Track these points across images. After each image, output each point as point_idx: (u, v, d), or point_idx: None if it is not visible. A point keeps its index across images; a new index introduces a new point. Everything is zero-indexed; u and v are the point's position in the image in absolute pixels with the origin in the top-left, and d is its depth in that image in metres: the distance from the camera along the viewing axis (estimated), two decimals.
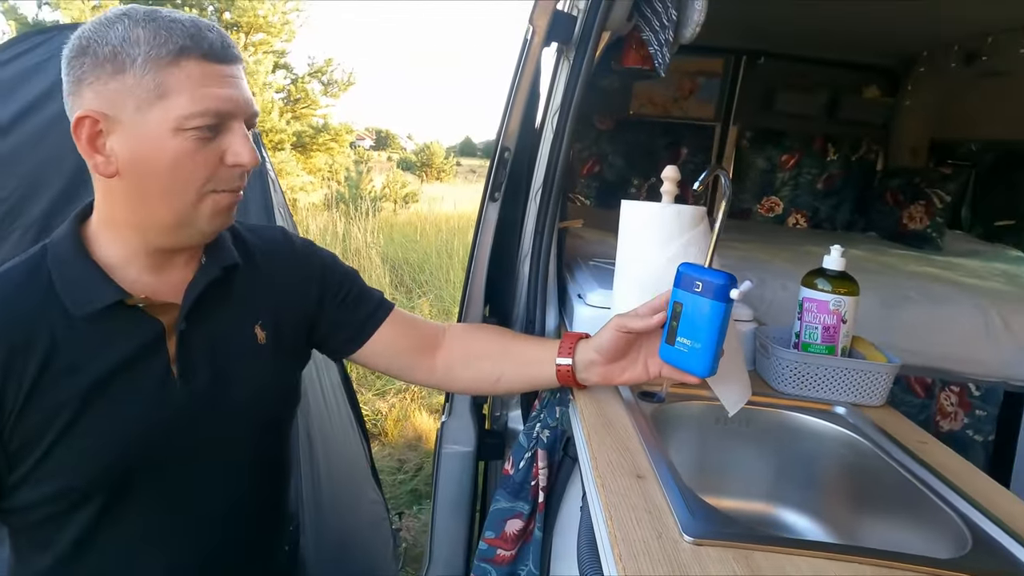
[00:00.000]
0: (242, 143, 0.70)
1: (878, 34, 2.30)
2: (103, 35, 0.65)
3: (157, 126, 0.66)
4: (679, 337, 0.77)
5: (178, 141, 0.67)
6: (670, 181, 0.93)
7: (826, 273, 1.01)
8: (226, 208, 0.73)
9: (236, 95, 0.69)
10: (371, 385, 3.54)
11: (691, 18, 1.13)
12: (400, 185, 9.94)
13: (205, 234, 0.75)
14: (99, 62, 0.65)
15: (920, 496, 0.75)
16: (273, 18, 8.83)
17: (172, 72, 0.65)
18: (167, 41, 0.65)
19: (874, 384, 0.97)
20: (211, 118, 0.67)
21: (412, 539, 2.31)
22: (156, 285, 0.74)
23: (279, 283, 0.85)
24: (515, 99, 1.22)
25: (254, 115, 0.73)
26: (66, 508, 0.71)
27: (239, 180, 0.73)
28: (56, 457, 0.68)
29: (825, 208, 2.80)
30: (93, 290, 0.70)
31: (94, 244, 0.73)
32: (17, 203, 1.27)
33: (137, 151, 0.67)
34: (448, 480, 1.34)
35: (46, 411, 0.67)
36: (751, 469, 0.96)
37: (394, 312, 0.94)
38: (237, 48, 0.71)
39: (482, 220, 1.27)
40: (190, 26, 0.67)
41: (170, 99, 0.65)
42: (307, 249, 0.91)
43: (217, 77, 0.68)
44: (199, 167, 0.69)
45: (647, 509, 0.64)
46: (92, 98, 0.66)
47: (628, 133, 2.83)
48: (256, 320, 0.82)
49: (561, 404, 0.99)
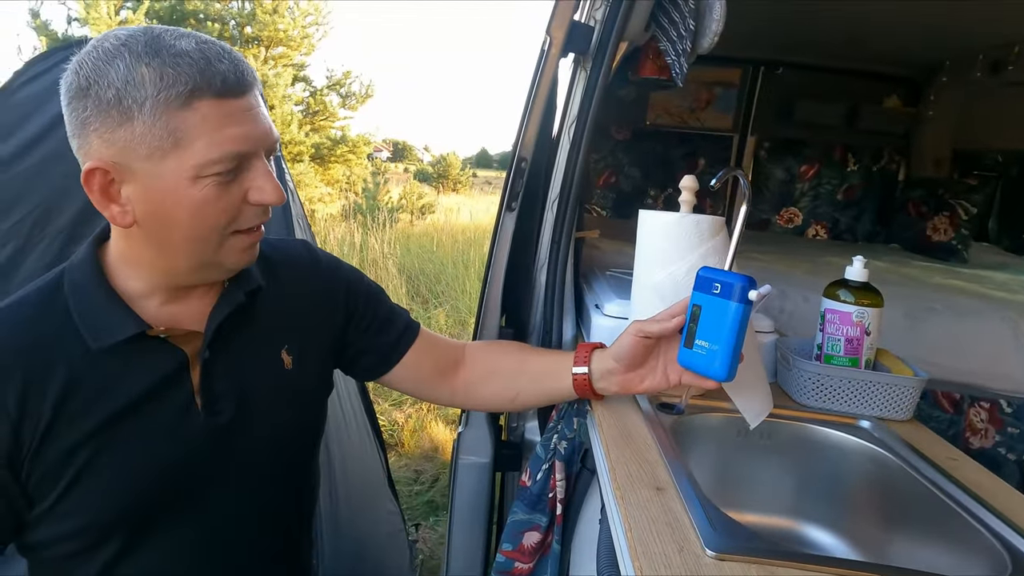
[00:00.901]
0: (265, 179, 0.66)
1: (900, 44, 2.28)
2: (104, 74, 0.59)
3: (174, 175, 0.61)
4: (697, 339, 0.76)
5: (198, 189, 0.62)
6: (688, 191, 0.93)
7: (849, 284, 1.00)
8: (250, 246, 0.70)
9: (255, 130, 0.64)
10: (388, 396, 3.54)
11: (709, 28, 1.13)
12: (417, 196, 10.00)
13: (230, 271, 0.72)
14: (103, 107, 0.59)
15: (952, 515, 0.73)
16: (293, 32, 8.97)
17: (185, 117, 0.60)
18: (176, 82, 0.59)
19: (901, 398, 0.95)
20: (231, 163, 0.63)
21: (429, 551, 2.29)
22: (178, 313, 0.71)
23: (305, 304, 0.82)
24: (532, 110, 1.22)
25: (274, 143, 0.68)
26: (87, 545, 0.68)
27: (263, 216, 0.69)
28: (75, 495, 0.65)
29: (845, 219, 2.77)
30: (113, 321, 0.66)
31: (113, 273, 0.69)
32: (45, 212, 1.30)
33: (154, 201, 0.63)
34: (465, 491, 1.33)
35: (64, 449, 0.64)
36: (773, 483, 0.94)
37: (420, 334, 0.92)
38: (252, 71, 0.65)
39: (499, 230, 1.27)
40: (199, 59, 0.60)
41: (185, 146, 0.60)
42: (332, 266, 0.88)
43: (235, 115, 0.62)
44: (221, 211, 0.65)
45: (667, 522, 0.63)
46: (100, 147, 0.61)
47: (645, 144, 2.82)
48: (282, 345, 0.78)
49: (579, 415, 0.98)
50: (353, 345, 0.88)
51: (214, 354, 0.71)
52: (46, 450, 0.64)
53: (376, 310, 0.89)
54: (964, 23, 1.96)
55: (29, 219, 1.29)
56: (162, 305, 0.71)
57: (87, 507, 0.66)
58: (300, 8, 9.03)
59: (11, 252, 1.29)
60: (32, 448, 0.64)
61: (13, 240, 1.29)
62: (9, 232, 1.29)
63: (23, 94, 1.31)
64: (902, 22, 1.96)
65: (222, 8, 8.65)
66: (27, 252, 1.29)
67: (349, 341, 0.87)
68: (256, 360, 0.76)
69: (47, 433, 0.64)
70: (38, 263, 1.29)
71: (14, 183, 1.29)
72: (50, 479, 0.65)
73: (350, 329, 0.87)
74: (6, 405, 0.63)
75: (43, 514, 0.66)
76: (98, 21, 7.28)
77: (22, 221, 1.29)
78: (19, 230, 1.29)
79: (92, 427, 0.65)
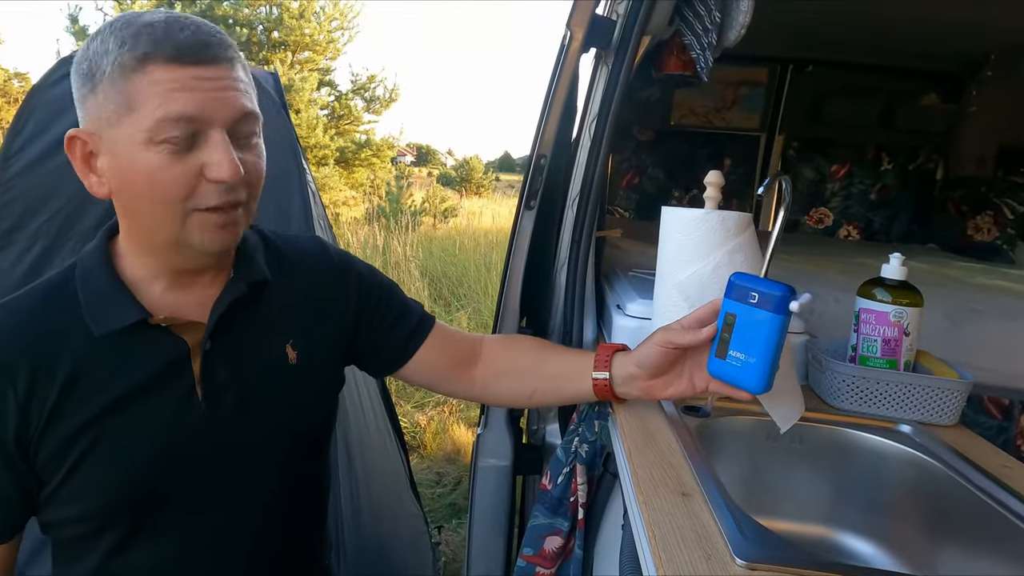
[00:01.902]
0: (222, 155, 0.62)
1: (940, 39, 2.20)
2: (85, 50, 0.62)
3: (128, 140, 0.61)
4: (731, 351, 0.72)
5: (150, 155, 0.61)
6: (713, 187, 0.90)
7: (885, 283, 0.95)
8: (219, 227, 0.66)
9: (211, 99, 0.61)
10: (410, 397, 3.55)
11: (736, 20, 1.09)
12: (440, 200, 10.05)
13: (208, 253, 0.69)
14: (81, 80, 0.62)
15: (1007, 525, 0.68)
16: (319, 36, 9.09)
17: (136, 80, 0.60)
18: (133, 47, 0.59)
19: (945, 402, 0.90)
20: (180, 127, 0.61)
21: (452, 553, 2.28)
22: (181, 302, 0.71)
23: (314, 299, 0.81)
24: (552, 106, 1.20)
25: (241, 119, 0.64)
26: (93, 529, 0.69)
27: (224, 195, 0.65)
28: (78, 479, 0.66)
29: (879, 219, 2.69)
30: (115, 309, 0.67)
31: (121, 260, 0.71)
32: (73, 212, 1.31)
33: (117, 168, 0.63)
34: (485, 494, 1.31)
35: (67, 433, 0.65)
36: (805, 489, 0.90)
37: (435, 327, 0.91)
38: (225, 47, 0.64)
39: (518, 228, 1.25)
40: (159, 28, 0.60)
41: (137, 110, 0.60)
42: (344, 262, 0.87)
43: (187, 81, 0.60)
44: (175, 183, 0.62)
45: (694, 529, 0.60)
46: (83, 118, 0.64)
47: (669, 144, 2.78)
48: (287, 339, 0.77)
49: (600, 418, 0.95)
50: (367, 340, 0.87)
51: (216, 345, 0.71)
52: (51, 433, 0.65)
53: (389, 304, 0.88)
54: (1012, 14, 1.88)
55: (58, 217, 1.30)
56: (165, 292, 0.71)
57: (89, 491, 0.67)
58: (326, 13, 9.15)
59: (40, 251, 1.30)
60: (38, 431, 0.65)
61: (42, 239, 1.30)
62: (39, 231, 1.30)
63: (54, 92, 1.33)
64: (943, 16, 1.89)
65: (251, 13, 8.82)
66: (56, 251, 1.30)
67: (362, 336, 0.86)
68: (259, 353, 0.75)
69: (52, 417, 0.65)
70: (66, 261, 1.30)
71: (45, 181, 1.31)
72: (55, 462, 0.66)
73: (362, 324, 0.86)
74: (16, 392, 0.64)
75: (50, 495, 0.68)
76: None
77: (51, 219, 1.31)
78: (48, 228, 1.30)
79: (94, 413, 0.66)
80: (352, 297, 0.85)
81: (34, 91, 1.36)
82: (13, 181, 1.31)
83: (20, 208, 1.31)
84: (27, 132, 1.32)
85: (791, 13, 1.97)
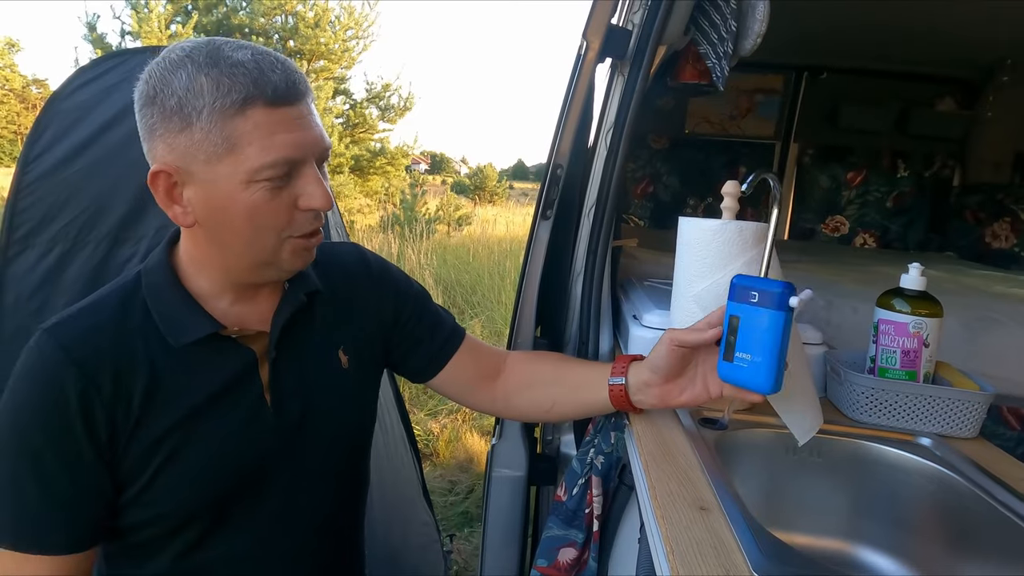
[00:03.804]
0: (315, 186, 0.68)
1: (956, 44, 2.18)
2: (168, 83, 0.63)
3: (228, 179, 0.64)
4: (737, 352, 0.72)
5: (250, 193, 0.65)
6: (731, 196, 0.89)
7: (904, 293, 0.94)
8: (306, 249, 0.72)
9: (305, 138, 0.66)
10: (423, 405, 3.55)
11: (751, 28, 1.09)
12: (454, 208, 10.08)
13: (288, 272, 0.74)
14: (167, 115, 0.63)
15: None
16: (334, 45, 9.18)
17: (238, 123, 0.63)
18: (231, 90, 0.62)
19: (965, 414, 0.89)
20: (281, 168, 0.65)
21: (463, 562, 2.27)
22: (245, 314, 0.75)
23: (357, 306, 0.85)
24: (568, 116, 1.20)
25: (325, 151, 0.70)
26: (166, 532, 0.72)
27: (315, 222, 0.71)
28: (159, 484, 0.69)
29: (896, 227, 2.66)
30: (189, 321, 0.70)
31: (185, 275, 0.73)
32: (91, 218, 1.34)
33: (211, 203, 0.66)
34: (499, 505, 1.30)
35: (151, 439, 0.68)
36: (824, 503, 0.89)
37: (466, 339, 0.94)
38: (304, 81, 0.68)
39: (534, 238, 1.25)
40: (252, 69, 0.63)
41: (239, 152, 0.63)
42: (382, 269, 0.91)
43: (285, 122, 0.65)
44: (274, 216, 0.67)
45: (712, 544, 0.60)
46: (164, 151, 0.65)
47: (684, 152, 2.77)
48: (339, 345, 0.82)
49: (616, 429, 0.95)
50: (400, 347, 0.90)
51: (280, 353, 0.75)
52: (136, 438, 0.68)
53: (422, 312, 0.91)
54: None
55: (77, 223, 1.33)
56: (231, 305, 0.74)
57: (169, 496, 0.70)
58: (341, 22, 9.24)
59: (58, 255, 1.32)
60: (126, 436, 0.67)
61: (60, 243, 1.33)
62: (57, 236, 1.33)
63: (74, 100, 1.35)
64: (959, 21, 1.87)
65: (266, 23, 8.92)
66: (73, 255, 1.32)
67: (396, 343, 0.90)
68: (317, 360, 0.79)
69: (137, 423, 0.68)
70: (84, 267, 1.32)
71: (63, 187, 1.33)
72: (140, 465, 0.68)
73: (397, 331, 0.89)
74: (101, 392, 0.66)
75: (130, 499, 0.70)
76: (149, 35, 7.61)
77: (70, 225, 1.33)
78: (67, 233, 1.33)
79: (176, 419, 0.69)
80: (389, 303, 0.89)
81: (52, 100, 1.39)
82: (32, 187, 1.33)
83: (39, 213, 1.33)
84: (45, 139, 1.35)
85: (807, 20, 1.97)
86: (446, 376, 0.92)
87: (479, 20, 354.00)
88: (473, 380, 0.94)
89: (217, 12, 8.77)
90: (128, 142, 1.33)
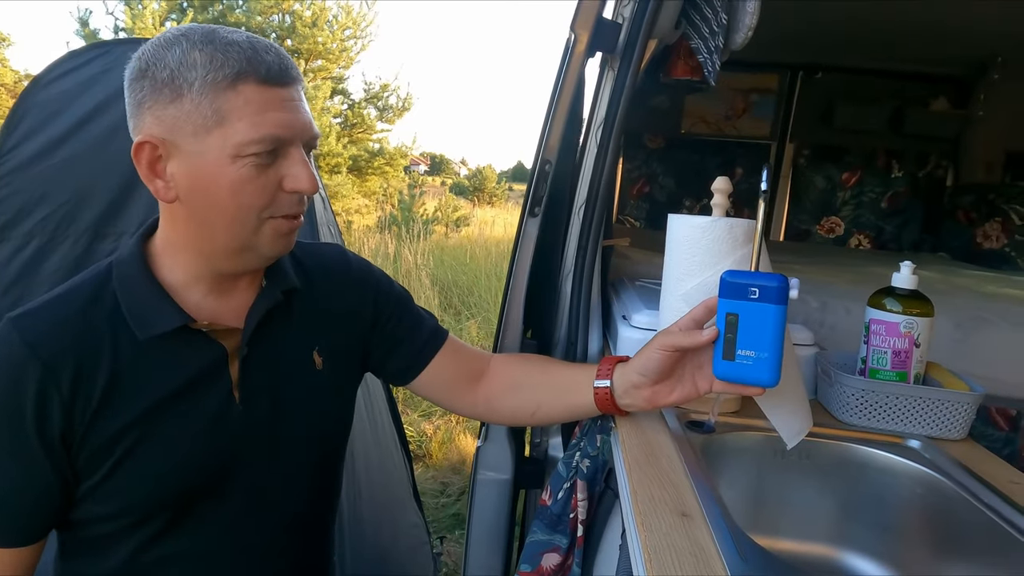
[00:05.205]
0: (301, 168, 0.68)
1: (947, 42, 2.17)
2: (161, 58, 0.63)
3: (215, 153, 0.64)
4: (739, 350, 0.70)
5: (236, 168, 0.65)
6: (721, 193, 0.87)
7: (896, 292, 0.92)
8: (286, 233, 0.72)
9: (294, 119, 0.67)
10: (416, 406, 3.53)
11: (742, 22, 1.08)
12: (452, 209, 10.06)
13: (267, 258, 0.73)
14: (157, 86, 0.63)
15: (1016, 545, 0.65)
16: (332, 45, 9.15)
17: (229, 97, 0.63)
18: (224, 65, 0.63)
19: (954, 415, 0.87)
20: (269, 144, 0.65)
21: (453, 564, 2.25)
22: (218, 309, 0.74)
23: (335, 307, 0.84)
24: (556, 111, 1.18)
25: (314, 138, 0.70)
26: (128, 524, 0.71)
27: (298, 205, 0.71)
28: (118, 477, 0.68)
29: (890, 228, 2.65)
30: (158, 314, 0.69)
31: (158, 265, 0.72)
32: (71, 211, 1.31)
33: (195, 177, 0.66)
34: (484, 508, 1.28)
35: (110, 432, 0.67)
36: (812, 507, 0.87)
37: (447, 341, 0.92)
38: (296, 68, 0.69)
39: (522, 235, 1.23)
40: (247, 48, 0.64)
41: (228, 125, 0.63)
42: (363, 271, 0.89)
43: (275, 101, 0.65)
44: (258, 194, 0.67)
45: (692, 552, 0.58)
46: (152, 123, 0.65)
47: (679, 153, 2.76)
48: (314, 346, 0.80)
49: (602, 432, 0.93)
50: (380, 347, 0.88)
51: (251, 350, 0.74)
52: (94, 432, 0.67)
53: (402, 314, 0.90)
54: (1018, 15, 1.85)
55: (55, 216, 1.30)
56: (204, 297, 0.73)
57: (129, 490, 0.69)
58: (339, 22, 9.22)
59: (34, 250, 1.30)
60: (82, 430, 0.66)
61: (37, 238, 1.30)
62: (34, 229, 1.30)
63: (53, 90, 1.32)
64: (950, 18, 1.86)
65: (263, 21, 8.89)
66: (52, 250, 1.30)
67: (377, 343, 0.88)
68: (290, 359, 0.78)
69: (95, 416, 0.67)
70: (63, 261, 1.30)
71: (40, 179, 1.30)
72: (97, 459, 0.67)
73: (377, 332, 0.88)
74: (60, 387, 0.65)
75: (87, 492, 0.69)
76: (143, 31, 7.57)
77: (48, 218, 1.30)
78: (44, 228, 1.30)
79: (137, 413, 0.68)
80: (369, 304, 0.87)
81: (29, 90, 1.36)
82: (7, 179, 1.30)
83: (15, 205, 1.31)
84: (21, 130, 1.32)
85: (800, 18, 1.95)
86: (428, 378, 0.90)
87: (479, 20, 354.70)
88: (455, 382, 0.92)
89: (213, 10, 8.73)
90: (110, 135, 1.31)
